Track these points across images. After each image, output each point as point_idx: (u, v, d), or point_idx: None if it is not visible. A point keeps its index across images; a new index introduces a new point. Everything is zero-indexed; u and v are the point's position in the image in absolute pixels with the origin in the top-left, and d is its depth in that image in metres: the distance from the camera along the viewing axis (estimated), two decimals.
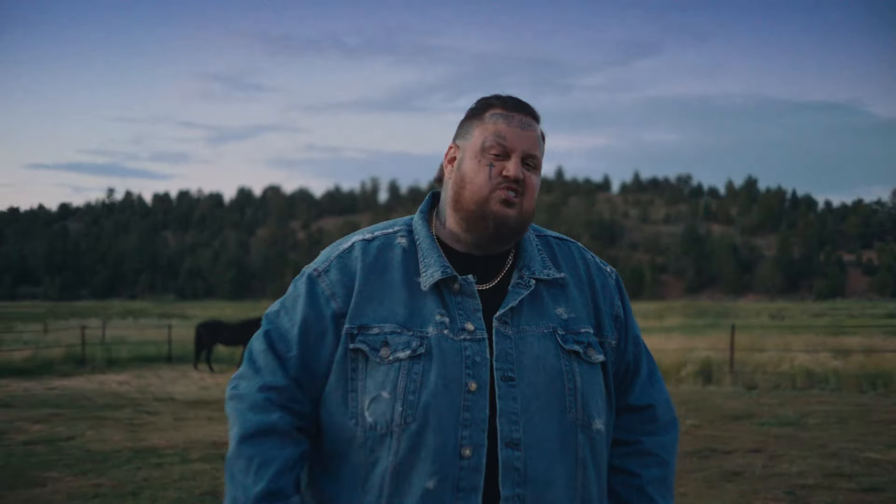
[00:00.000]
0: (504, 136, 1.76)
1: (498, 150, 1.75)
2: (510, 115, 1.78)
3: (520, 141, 1.76)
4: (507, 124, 1.77)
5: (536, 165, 1.79)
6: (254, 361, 1.76)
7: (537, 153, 1.79)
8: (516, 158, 1.75)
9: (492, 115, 1.79)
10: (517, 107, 1.80)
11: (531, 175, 1.78)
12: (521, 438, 1.64)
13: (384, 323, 1.70)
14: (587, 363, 1.75)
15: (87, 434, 10.19)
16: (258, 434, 1.68)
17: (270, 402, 1.70)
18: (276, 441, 1.68)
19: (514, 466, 1.63)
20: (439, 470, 1.60)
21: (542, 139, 1.83)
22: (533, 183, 1.78)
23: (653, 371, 1.92)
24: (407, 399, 1.64)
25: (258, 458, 1.66)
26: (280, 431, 1.69)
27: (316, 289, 1.77)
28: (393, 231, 1.84)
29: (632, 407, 1.86)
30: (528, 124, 1.79)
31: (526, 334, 1.72)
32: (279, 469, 1.65)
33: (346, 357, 1.71)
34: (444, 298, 1.73)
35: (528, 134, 1.78)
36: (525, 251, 1.82)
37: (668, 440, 1.86)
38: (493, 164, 1.75)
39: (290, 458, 1.68)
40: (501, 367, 1.68)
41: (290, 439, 1.70)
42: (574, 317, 1.78)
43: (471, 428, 1.63)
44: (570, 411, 1.70)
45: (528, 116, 1.80)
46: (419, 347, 1.67)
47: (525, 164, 1.77)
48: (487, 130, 1.77)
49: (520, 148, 1.76)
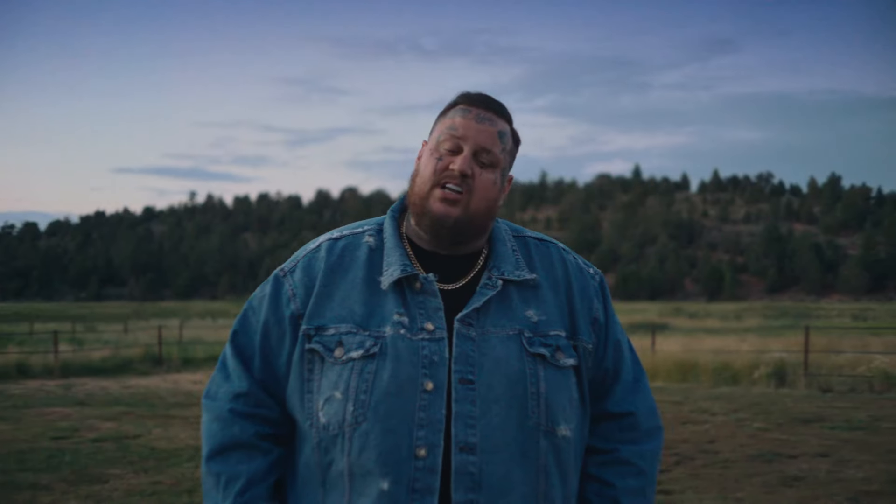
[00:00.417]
0: (456, 128, 1.71)
1: (450, 144, 1.70)
2: (469, 109, 1.73)
3: (473, 133, 1.70)
4: (462, 117, 1.72)
5: (493, 162, 1.72)
6: (224, 366, 1.77)
7: (493, 148, 1.71)
8: (467, 152, 1.69)
9: (454, 111, 1.75)
10: (479, 102, 1.74)
11: (483, 172, 1.71)
12: (478, 443, 1.59)
13: (341, 323, 1.67)
14: (554, 367, 1.69)
15: (154, 432, 10.39)
16: (223, 450, 1.70)
17: (234, 413, 1.71)
18: (241, 455, 1.69)
19: (467, 471, 1.58)
20: (393, 471, 1.57)
21: (505, 137, 1.75)
22: (485, 181, 1.70)
23: (638, 378, 1.84)
24: (358, 399, 1.61)
25: (225, 474, 1.68)
26: (245, 444, 1.69)
27: (280, 290, 1.75)
28: (362, 230, 1.81)
29: (611, 414, 1.79)
30: (486, 118, 1.72)
31: (490, 336, 1.67)
32: (246, 484, 1.67)
33: (302, 358, 1.69)
34: (405, 298, 1.69)
35: (484, 127, 1.71)
36: (497, 251, 1.77)
37: (647, 449, 1.79)
38: (443, 158, 1.70)
39: (258, 471, 1.68)
40: (460, 368, 1.63)
41: (257, 451, 1.70)
42: (545, 319, 1.72)
43: (426, 428, 1.58)
44: (533, 416, 1.64)
45: (490, 112, 1.74)
46: (373, 347, 1.63)
47: (479, 160, 1.71)
48: (444, 125, 1.73)
49: (472, 140, 1.70)
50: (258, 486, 1.68)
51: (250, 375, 1.73)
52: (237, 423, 1.70)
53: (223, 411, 1.72)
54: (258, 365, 1.73)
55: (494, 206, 1.75)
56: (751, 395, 13.63)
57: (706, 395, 13.88)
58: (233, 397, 1.72)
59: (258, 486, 1.68)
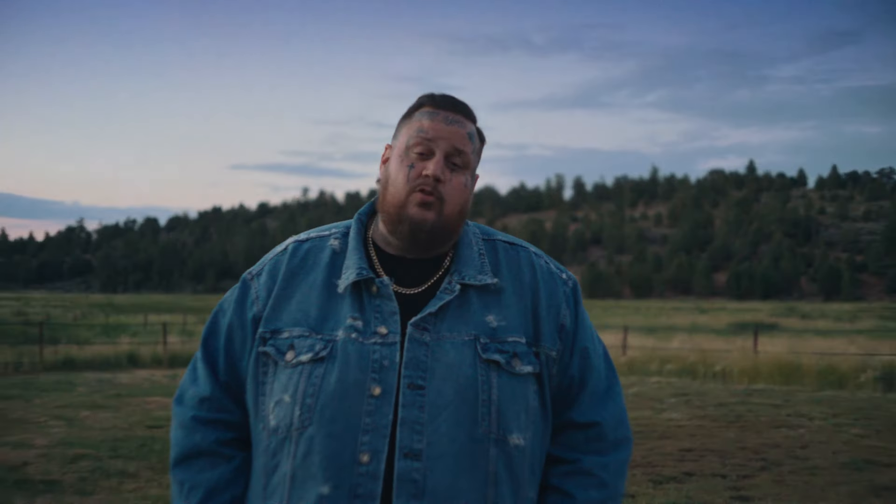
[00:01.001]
0: (426, 131, 1.69)
1: (421, 148, 1.69)
2: (436, 111, 1.71)
3: (444, 135, 1.69)
4: (430, 120, 1.70)
5: (465, 164, 1.71)
6: (193, 369, 1.79)
7: (465, 149, 1.70)
8: (439, 156, 1.68)
9: (419, 114, 1.73)
10: (445, 104, 1.73)
11: (456, 176, 1.70)
12: (423, 449, 1.56)
13: (295, 326, 1.67)
14: (509, 374, 1.65)
15: None
16: (185, 458, 1.72)
17: (196, 420, 1.73)
18: (204, 463, 1.71)
19: (411, 478, 1.55)
20: (334, 476, 1.55)
21: (474, 138, 1.74)
22: (458, 184, 1.70)
23: (609, 387, 1.79)
24: (305, 403, 1.60)
25: (187, 482, 1.70)
26: (206, 452, 1.71)
27: (247, 293, 1.76)
28: (329, 233, 1.80)
29: (575, 423, 1.74)
30: (455, 120, 1.71)
31: (444, 341, 1.63)
32: (207, 492, 1.69)
33: (257, 361, 1.69)
34: (362, 302, 1.67)
35: (454, 129, 1.70)
36: (461, 255, 1.74)
37: (612, 461, 1.73)
38: (415, 164, 1.68)
39: (220, 479, 1.70)
40: (410, 373, 1.60)
41: (220, 458, 1.71)
42: (504, 325, 1.68)
43: (371, 434, 1.56)
44: (483, 423, 1.60)
45: (458, 114, 1.72)
46: (322, 351, 1.62)
47: (451, 163, 1.69)
48: (412, 128, 1.71)
49: (443, 143, 1.68)
50: (220, 496, 1.69)
51: (216, 379, 1.75)
52: (199, 430, 1.72)
53: (186, 418, 1.74)
54: (223, 368, 1.74)
55: (466, 208, 1.73)
56: (855, 400, 13.12)
57: (808, 398, 13.43)
58: (198, 402, 1.74)
59: (220, 495, 1.69)
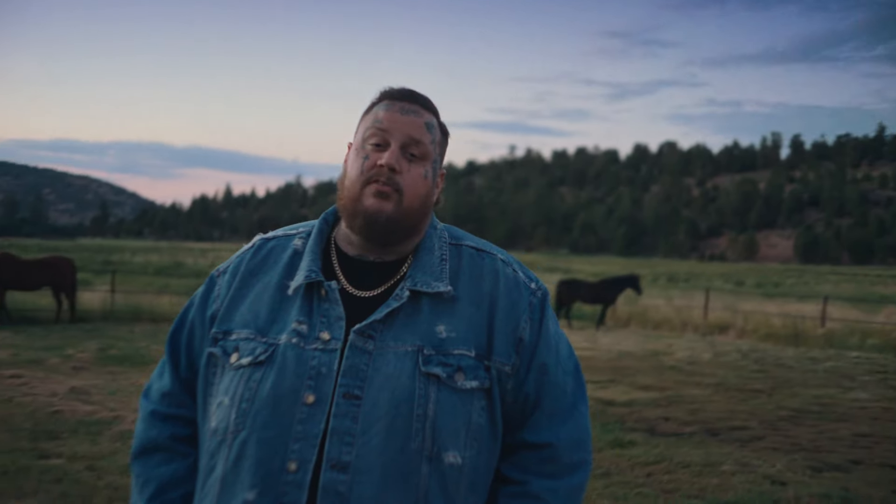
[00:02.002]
0: (381, 121, 1.63)
1: (377, 139, 1.63)
2: (392, 103, 1.66)
3: (399, 126, 1.63)
4: (385, 111, 1.65)
5: (423, 155, 1.65)
6: (161, 362, 1.79)
7: (423, 139, 1.64)
8: (394, 146, 1.62)
9: (377, 107, 1.67)
10: (402, 95, 1.67)
11: (415, 166, 1.63)
12: (352, 462, 1.50)
13: (244, 328, 1.64)
14: (450, 389, 1.56)
15: None
16: (143, 452, 1.72)
17: (155, 415, 1.73)
18: (159, 458, 1.70)
19: (336, 490, 1.49)
20: (260, 482, 1.51)
21: (433, 128, 1.67)
22: (416, 175, 1.63)
23: (572, 405, 1.68)
24: (241, 407, 1.56)
25: (142, 476, 1.71)
26: (162, 447, 1.71)
27: (210, 290, 1.74)
28: (295, 232, 1.75)
29: (528, 443, 1.64)
30: (411, 110, 1.65)
31: (387, 351, 1.57)
32: (159, 487, 1.68)
33: (208, 361, 1.67)
34: (311, 305, 1.62)
35: (409, 119, 1.64)
36: (420, 260, 1.66)
37: (563, 486, 1.63)
38: (370, 155, 1.63)
39: (174, 475, 1.69)
40: (347, 382, 1.54)
41: (176, 454, 1.70)
42: (453, 336, 1.59)
43: (301, 442, 1.51)
44: (416, 439, 1.52)
45: (415, 104, 1.66)
46: (262, 355, 1.58)
47: (409, 153, 1.63)
48: (368, 121, 1.66)
49: (399, 133, 1.63)
50: (173, 491, 1.68)
51: (177, 375, 1.74)
52: (156, 425, 1.72)
53: (147, 412, 1.74)
54: (184, 364, 1.74)
55: (427, 202, 1.67)
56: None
57: None
58: (160, 397, 1.74)
59: (173, 490, 1.68)
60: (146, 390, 1.79)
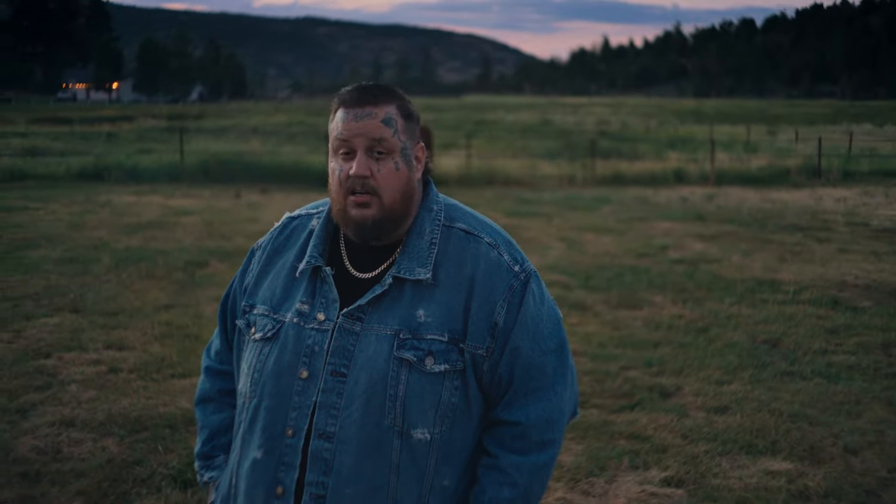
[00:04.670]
0: (342, 133, 1.74)
1: (343, 149, 1.74)
2: (347, 111, 1.75)
3: (357, 132, 1.72)
4: (342, 122, 1.74)
5: (389, 150, 1.74)
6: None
7: (384, 136, 1.73)
8: (360, 154, 1.73)
9: (336, 117, 1.77)
10: (353, 101, 1.75)
11: (384, 164, 1.74)
12: (336, 433, 1.70)
13: (263, 304, 1.84)
14: (420, 372, 1.72)
15: (733, 259, 10.41)
16: (199, 402, 2.03)
17: (208, 370, 2.02)
18: (212, 408, 1.99)
19: (321, 456, 1.70)
20: (266, 443, 1.75)
21: (393, 121, 1.74)
22: (388, 171, 1.74)
23: (548, 386, 1.79)
24: (253, 377, 1.80)
25: (199, 422, 2.02)
26: (212, 399, 2.00)
27: (250, 262, 1.95)
28: (316, 211, 1.92)
29: (502, 420, 1.78)
30: (365, 114, 1.73)
31: (370, 333, 1.73)
32: (210, 434, 1.98)
33: (238, 330, 1.90)
34: (315, 286, 1.80)
35: (365, 124, 1.72)
36: (409, 246, 1.79)
37: (528, 462, 1.76)
38: (342, 166, 1.75)
39: (223, 423, 1.97)
40: (334, 361, 1.73)
41: (225, 405, 1.98)
42: (429, 321, 1.73)
43: (297, 412, 1.73)
44: (388, 416, 1.70)
45: (367, 105, 1.74)
46: (270, 331, 1.79)
47: (376, 153, 1.73)
48: (333, 132, 1.77)
49: (359, 140, 1.73)
50: (222, 437, 1.97)
51: (225, 336, 2.00)
52: (209, 379, 2.01)
53: (204, 367, 2.04)
54: (230, 328, 1.97)
55: (408, 190, 1.78)
56: None
57: None
58: (214, 354, 2.02)
59: (222, 436, 1.97)
60: (207, 347, 2.07)
